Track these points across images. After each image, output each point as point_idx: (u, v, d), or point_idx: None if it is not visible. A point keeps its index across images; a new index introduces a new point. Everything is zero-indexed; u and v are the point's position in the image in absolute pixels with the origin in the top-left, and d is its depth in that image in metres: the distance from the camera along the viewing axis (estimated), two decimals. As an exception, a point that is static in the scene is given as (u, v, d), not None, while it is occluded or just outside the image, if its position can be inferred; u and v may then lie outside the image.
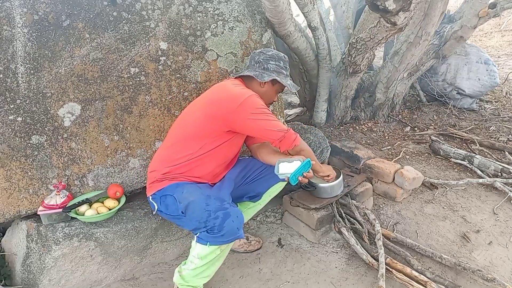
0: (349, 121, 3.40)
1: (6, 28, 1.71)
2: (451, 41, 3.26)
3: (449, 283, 1.71)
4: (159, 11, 1.98)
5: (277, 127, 1.66)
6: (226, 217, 1.51)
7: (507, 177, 2.54)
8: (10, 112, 1.75)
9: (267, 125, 1.64)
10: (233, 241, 1.57)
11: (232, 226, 1.52)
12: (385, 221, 2.29)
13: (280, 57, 1.82)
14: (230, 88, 1.69)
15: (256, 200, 1.94)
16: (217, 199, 1.59)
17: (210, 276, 1.70)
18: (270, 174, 1.85)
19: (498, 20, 7.10)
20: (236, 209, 1.59)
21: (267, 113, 1.66)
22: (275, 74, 1.78)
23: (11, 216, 1.83)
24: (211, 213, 1.52)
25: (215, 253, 1.58)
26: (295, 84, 1.89)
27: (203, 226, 1.53)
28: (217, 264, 1.68)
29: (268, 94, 1.83)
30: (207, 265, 1.62)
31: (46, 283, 1.76)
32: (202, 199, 1.58)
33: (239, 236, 1.55)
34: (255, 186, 1.90)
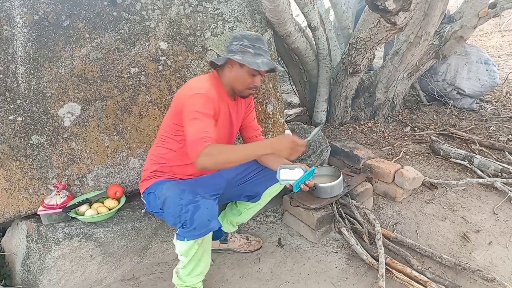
0: (349, 121, 3.40)
1: (6, 28, 1.71)
2: (451, 41, 3.26)
3: (449, 283, 1.71)
4: (159, 11, 1.98)
5: (193, 132, 1.46)
6: (196, 210, 1.48)
7: (507, 177, 2.54)
8: (10, 112, 1.75)
9: (188, 124, 1.50)
10: (207, 233, 1.52)
11: (202, 218, 1.47)
12: (385, 221, 2.29)
13: (244, 35, 1.63)
14: (188, 84, 1.66)
15: (255, 201, 1.92)
16: (190, 192, 1.55)
17: (203, 273, 1.69)
18: (268, 175, 1.83)
19: (498, 20, 7.10)
20: (208, 201, 1.53)
21: (197, 116, 1.48)
22: (238, 55, 1.59)
23: (11, 216, 1.83)
24: (183, 207, 1.49)
25: (194, 248, 1.55)
26: (270, 63, 1.62)
27: (178, 222, 1.52)
28: (205, 260, 1.66)
29: (240, 78, 1.63)
30: (194, 262, 1.61)
31: (46, 283, 1.76)
32: (176, 194, 1.56)
33: (212, 228, 1.50)
34: (253, 185, 1.87)
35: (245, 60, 1.57)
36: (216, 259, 2.05)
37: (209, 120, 1.50)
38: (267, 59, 1.62)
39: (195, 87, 1.59)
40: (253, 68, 1.58)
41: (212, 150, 1.40)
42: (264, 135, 2.32)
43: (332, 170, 2.36)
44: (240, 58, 1.57)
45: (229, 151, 1.47)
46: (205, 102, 1.53)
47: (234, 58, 1.57)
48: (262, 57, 1.62)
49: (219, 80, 1.69)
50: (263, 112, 2.30)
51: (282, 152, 1.46)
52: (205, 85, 1.60)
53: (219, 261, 2.04)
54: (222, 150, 1.45)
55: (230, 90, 1.70)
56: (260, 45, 1.64)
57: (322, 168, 2.40)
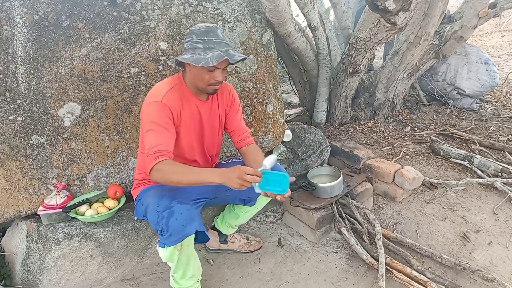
0: (349, 121, 3.40)
1: (6, 28, 1.71)
2: (451, 41, 3.25)
3: (449, 283, 1.71)
4: (159, 11, 1.98)
5: (147, 143, 1.48)
6: (170, 216, 1.46)
7: (507, 177, 2.54)
8: (10, 112, 1.75)
9: (143, 137, 1.53)
10: (183, 239, 1.48)
11: (176, 224, 1.45)
12: (385, 221, 2.29)
13: (193, 30, 1.52)
14: (151, 90, 1.62)
15: (251, 205, 1.88)
16: (168, 198, 1.52)
17: (195, 275, 1.68)
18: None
19: (498, 20, 7.09)
20: (182, 206, 1.49)
21: (152, 128, 1.50)
22: (189, 53, 1.51)
23: (11, 216, 1.83)
24: (159, 214, 1.48)
25: (175, 254, 1.53)
26: (220, 55, 1.48)
27: (157, 229, 1.50)
28: (193, 263, 1.63)
29: (198, 76, 1.56)
30: (182, 266, 1.59)
31: (46, 283, 1.76)
32: (155, 200, 1.54)
33: (187, 233, 1.47)
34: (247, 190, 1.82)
35: (192, 58, 1.48)
36: (216, 259, 2.05)
37: (163, 130, 1.49)
38: (219, 51, 1.49)
39: (153, 94, 1.57)
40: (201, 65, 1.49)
41: (164, 168, 1.43)
42: (264, 135, 2.32)
43: (332, 170, 2.36)
44: (188, 57, 1.49)
45: (181, 172, 1.45)
46: (159, 111, 1.51)
47: (181, 58, 1.50)
48: (213, 50, 1.49)
49: (183, 82, 1.63)
50: (263, 112, 2.30)
51: (231, 183, 1.40)
52: (163, 90, 1.56)
53: (219, 261, 2.04)
54: (174, 170, 1.45)
55: (195, 89, 1.63)
56: (211, 37, 1.51)
57: (322, 168, 2.41)
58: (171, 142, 1.52)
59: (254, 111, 2.27)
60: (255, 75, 2.23)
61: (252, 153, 1.75)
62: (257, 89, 2.25)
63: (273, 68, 2.39)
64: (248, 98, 2.24)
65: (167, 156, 1.46)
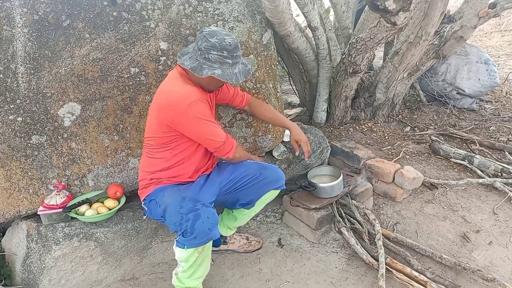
0: (349, 121, 3.40)
1: (6, 28, 1.71)
2: (451, 41, 3.25)
3: (449, 283, 1.71)
4: (159, 11, 1.98)
5: (216, 136, 1.64)
6: (197, 219, 1.49)
7: (507, 177, 2.54)
8: (10, 112, 1.75)
9: (207, 133, 1.62)
10: (207, 242, 1.55)
11: (203, 227, 1.49)
12: (385, 221, 2.29)
13: (223, 46, 1.55)
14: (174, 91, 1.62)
15: (249, 207, 1.89)
16: (191, 200, 1.56)
17: (202, 276, 1.70)
18: (262, 181, 1.82)
19: (498, 20, 7.09)
20: (208, 210, 1.55)
21: (207, 121, 1.61)
22: (217, 66, 1.56)
23: (11, 216, 1.83)
24: (183, 216, 1.50)
25: (194, 255, 1.57)
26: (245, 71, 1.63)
27: (179, 229, 1.52)
28: (205, 265, 1.67)
29: (213, 82, 1.65)
30: (194, 267, 1.61)
31: (46, 283, 1.76)
32: (177, 201, 1.57)
33: (212, 237, 1.53)
34: (247, 193, 1.84)
35: (224, 75, 1.56)
36: (216, 259, 2.05)
37: (216, 123, 1.67)
38: (242, 66, 1.62)
39: (184, 95, 1.57)
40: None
41: (239, 148, 1.78)
42: (264, 135, 2.32)
43: (332, 170, 2.36)
44: (221, 74, 1.55)
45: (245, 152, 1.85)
46: (203, 108, 1.61)
47: (215, 75, 1.54)
48: (238, 65, 1.61)
49: (188, 77, 1.66)
50: (263, 112, 2.30)
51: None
52: (187, 88, 1.61)
53: (219, 261, 2.04)
54: (242, 149, 1.85)
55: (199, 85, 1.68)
56: (238, 53, 1.60)
57: (322, 168, 2.41)
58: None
59: (254, 111, 2.27)
60: (255, 75, 2.23)
61: (258, 107, 2.04)
62: (257, 89, 2.25)
63: (273, 68, 2.38)
64: (248, 98, 2.23)
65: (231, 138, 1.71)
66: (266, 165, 1.90)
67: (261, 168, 1.85)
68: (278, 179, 1.87)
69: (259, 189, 1.84)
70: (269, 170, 1.86)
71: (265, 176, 1.82)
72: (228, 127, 2.22)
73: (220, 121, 2.19)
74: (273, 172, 1.87)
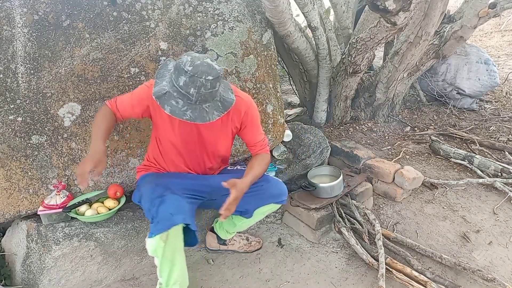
0: (349, 121, 3.40)
1: (6, 28, 1.71)
2: (451, 41, 3.25)
3: (449, 283, 1.71)
4: (159, 11, 1.98)
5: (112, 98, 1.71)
6: (161, 204, 1.48)
7: (507, 177, 2.54)
8: (10, 112, 1.75)
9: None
10: (169, 227, 1.45)
11: (165, 211, 1.46)
12: (385, 221, 2.29)
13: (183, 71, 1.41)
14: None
15: (247, 217, 1.83)
16: (162, 187, 1.56)
17: (179, 281, 1.59)
18: (262, 194, 1.75)
19: (498, 20, 7.09)
20: (174, 196, 1.52)
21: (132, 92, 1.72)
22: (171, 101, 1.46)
23: (11, 216, 1.83)
24: (152, 201, 1.51)
25: (160, 245, 1.47)
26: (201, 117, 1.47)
27: (150, 216, 1.52)
28: (178, 264, 1.56)
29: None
30: (167, 264, 1.54)
31: (46, 283, 1.76)
32: (151, 188, 1.58)
33: (174, 222, 1.45)
34: (245, 202, 1.72)
35: (169, 110, 1.44)
36: (216, 259, 2.05)
37: (131, 95, 1.66)
38: (200, 111, 1.46)
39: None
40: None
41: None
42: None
43: (332, 170, 2.36)
44: (168, 109, 1.44)
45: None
46: (141, 88, 1.66)
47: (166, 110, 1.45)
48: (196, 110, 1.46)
49: None
50: (263, 112, 2.30)
51: (89, 157, 1.56)
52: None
53: (219, 261, 2.04)
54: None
55: None
56: (200, 102, 1.44)
57: (322, 168, 2.41)
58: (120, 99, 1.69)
59: (254, 111, 2.27)
60: (255, 75, 2.23)
61: (250, 163, 1.75)
62: (257, 89, 2.25)
63: (273, 68, 2.39)
64: (248, 98, 2.24)
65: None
66: (269, 179, 1.82)
67: (264, 180, 1.78)
68: (279, 195, 1.79)
69: (258, 201, 1.78)
70: (271, 184, 1.79)
71: (266, 189, 1.76)
72: (228, 127, 2.22)
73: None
74: (274, 187, 1.79)
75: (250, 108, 1.71)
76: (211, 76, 1.40)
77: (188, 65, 1.39)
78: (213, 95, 1.46)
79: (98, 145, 1.54)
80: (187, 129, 1.67)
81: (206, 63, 1.41)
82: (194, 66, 1.39)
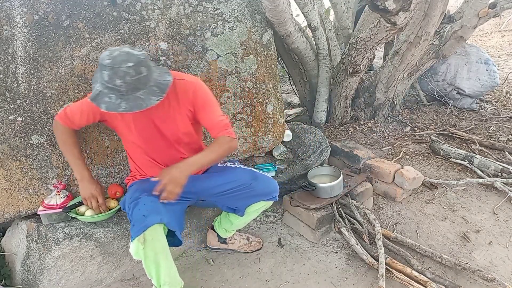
0: (349, 121, 3.40)
1: (6, 28, 1.71)
2: (451, 41, 3.25)
3: (449, 283, 1.71)
4: (159, 11, 1.98)
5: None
6: (134, 207, 1.51)
7: (507, 177, 2.54)
8: (10, 112, 1.75)
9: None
10: (144, 230, 1.45)
11: (139, 214, 1.48)
12: (385, 221, 2.29)
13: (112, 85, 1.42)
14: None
15: (240, 215, 1.83)
16: (140, 190, 1.58)
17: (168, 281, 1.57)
18: (250, 192, 1.73)
19: (498, 20, 7.08)
20: (147, 198, 1.51)
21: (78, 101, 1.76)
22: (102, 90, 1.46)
23: (11, 216, 1.83)
24: (129, 205, 1.55)
25: (139, 248, 1.48)
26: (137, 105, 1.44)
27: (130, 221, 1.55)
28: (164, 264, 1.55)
29: None
30: (152, 266, 1.53)
31: (46, 283, 1.76)
32: (130, 193, 1.61)
33: (148, 224, 1.45)
34: (234, 200, 1.76)
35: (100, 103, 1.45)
36: (216, 259, 2.05)
37: (78, 104, 1.69)
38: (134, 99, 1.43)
39: None
40: None
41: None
42: (264, 135, 2.33)
43: (332, 170, 2.36)
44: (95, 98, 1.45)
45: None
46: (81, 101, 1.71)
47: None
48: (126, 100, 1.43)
49: None
50: (263, 112, 2.30)
51: (81, 192, 1.73)
52: None
53: (219, 261, 2.04)
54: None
55: None
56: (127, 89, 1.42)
57: (322, 168, 2.40)
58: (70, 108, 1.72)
59: (254, 111, 2.27)
60: (255, 75, 2.23)
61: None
62: (257, 89, 2.25)
63: (273, 68, 2.39)
64: (248, 98, 2.24)
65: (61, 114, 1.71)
66: (259, 176, 1.78)
67: (253, 178, 1.75)
68: (269, 193, 1.77)
69: (246, 199, 1.77)
70: (259, 182, 1.75)
71: (255, 187, 1.73)
72: (228, 127, 2.22)
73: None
74: (263, 185, 1.76)
75: (197, 88, 1.64)
76: (131, 62, 1.38)
77: (107, 58, 1.38)
78: (143, 82, 1.43)
79: (82, 175, 1.70)
80: (143, 126, 1.63)
81: (124, 52, 1.40)
82: (112, 58, 1.38)
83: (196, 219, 2.13)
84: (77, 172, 1.71)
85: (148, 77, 1.44)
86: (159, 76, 1.51)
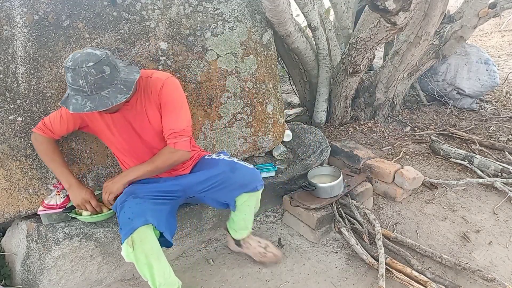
0: (349, 121, 3.40)
1: (6, 28, 1.71)
2: (451, 41, 3.26)
3: (449, 283, 1.71)
4: (159, 11, 1.98)
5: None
6: (121, 210, 1.52)
7: (507, 177, 2.54)
8: (10, 112, 1.75)
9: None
10: (131, 232, 1.46)
11: (124, 217, 1.49)
12: (385, 221, 2.29)
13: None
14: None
15: (233, 210, 1.81)
16: (127, 193, 1.58)
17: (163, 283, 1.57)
18: (231, 185, 1.70)
19: (498, 20, 7.09)
20: (133, 200, 1.52)
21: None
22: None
23: (11, 216, 1.83)
24: (116, 209, 1.56)
25: (129, 251, 1.49)
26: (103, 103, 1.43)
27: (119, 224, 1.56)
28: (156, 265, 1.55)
29: None
30: (145, 268, 1.53)
31: (46, 283, 1.76)
32: (119, 197, 1.61)
33: (134, 226, 1.46)
34: (220, 195, 1.74)
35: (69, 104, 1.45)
36: (216, 259, 2.05)
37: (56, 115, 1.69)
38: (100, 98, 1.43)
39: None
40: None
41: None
42: (264, 135, 2.33)
43: (332, 170, 2.36)
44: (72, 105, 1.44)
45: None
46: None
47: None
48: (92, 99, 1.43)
49: None
50: (263, 112, 2.30)
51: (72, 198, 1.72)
52: None
53: (219, 261, 2.04)
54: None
55: None
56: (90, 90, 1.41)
57: (322, 168, 2.40)
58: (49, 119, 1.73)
59: (254, 111, 2.27)
60: (255, 75, 2.23)
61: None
62: (257, 89, 2.25)
63: (273, 68, 2.39)
64: (248, 98, 2.24)
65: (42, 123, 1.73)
66: (236, 167, 1.72)
67: (231, 170, 1.70)
68: (249, 183, 1.72)
69: (229, 193, 1.73)
70: (237, 173, 1.70)
71: (234, 179, 1.69)
72: (228, 127, 2.22)
73: (220, 120, 2.19)
74: (241, 176, 1.70)
75: (164, 85, 1.59)
76: (92, 62, 1.38)
77: (69, 60, 1.40)
78: (107, 80, 1.42)
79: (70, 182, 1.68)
80: (122, 128, 1.63)
81: (85, 53, 1.41)
82: (74, 59, 1.39)
83: (196, 219, 2.13)
84: (64, 180, 1.69)
85: (112, 76, 1.44)
86: (126, 75, 1.50)
